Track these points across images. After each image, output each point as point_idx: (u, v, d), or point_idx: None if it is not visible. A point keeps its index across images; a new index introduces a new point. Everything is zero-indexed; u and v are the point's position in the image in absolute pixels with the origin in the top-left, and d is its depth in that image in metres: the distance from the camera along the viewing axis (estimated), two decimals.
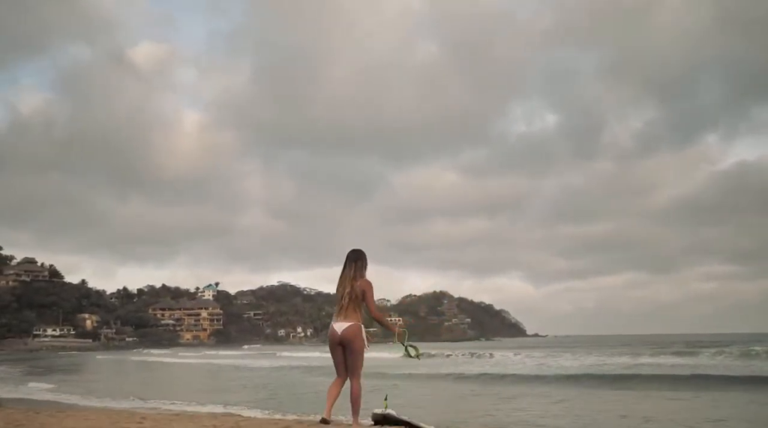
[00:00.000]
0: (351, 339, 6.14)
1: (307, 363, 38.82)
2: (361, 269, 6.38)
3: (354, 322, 6.18)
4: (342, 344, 6.18)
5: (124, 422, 5.84)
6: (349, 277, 6.30)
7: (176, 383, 27.26)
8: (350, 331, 6.14)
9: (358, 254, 6.46)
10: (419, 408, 14.24)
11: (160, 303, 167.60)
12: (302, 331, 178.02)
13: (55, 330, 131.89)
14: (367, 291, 6.25)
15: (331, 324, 6.35)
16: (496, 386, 20.44)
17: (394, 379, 22.98)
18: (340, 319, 6.21)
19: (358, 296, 6.21)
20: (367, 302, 6.24)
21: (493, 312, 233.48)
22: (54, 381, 25.53)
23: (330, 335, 6.30)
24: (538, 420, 12.10)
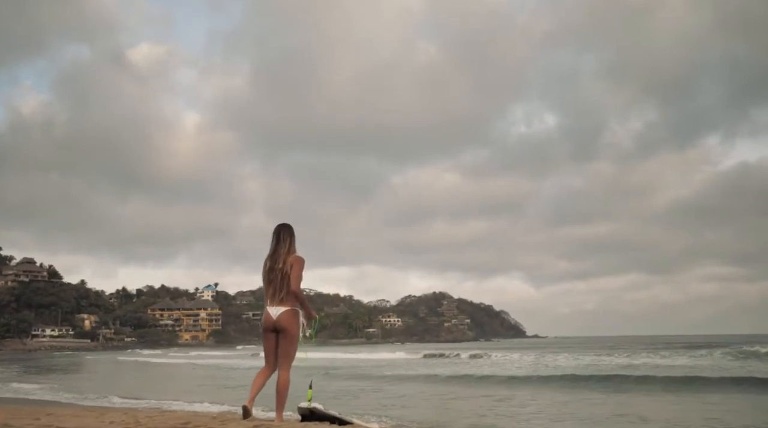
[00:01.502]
0: (286, 325, 5.58)
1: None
2: (293, 244, 5.82)
3: (290, 306, 5.64)
4: (276, 330, 5.63)
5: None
6: (282, 253, 5.72)
7: (149, 382, 27.08)
8: (286, 316, 5.58)
9: (291, 229, 5.91)
10: (405, 409, 14.09)
11: (159, 304, 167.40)
12: (301, 332, 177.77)
13: (53, 331, 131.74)
14: (296, 266, 5.65)
15: (265, 309, 5.75)
16: (490, 386, 20.21)
17: (381, 381, 22.77)
18: (276, 302, 5.63)
19: (288, 276, 5.63)
20: (292, 277, 5.60)
21: (493, 313, 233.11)
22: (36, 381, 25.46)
23: (264, 320, 5.72)
24: (528, 421, 11.89)
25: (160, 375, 32.48)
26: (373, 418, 11.75)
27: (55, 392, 19.00)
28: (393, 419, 11.87)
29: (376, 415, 12.29)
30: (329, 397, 17.08)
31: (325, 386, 21.20)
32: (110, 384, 24.77)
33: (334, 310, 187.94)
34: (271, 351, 5.68)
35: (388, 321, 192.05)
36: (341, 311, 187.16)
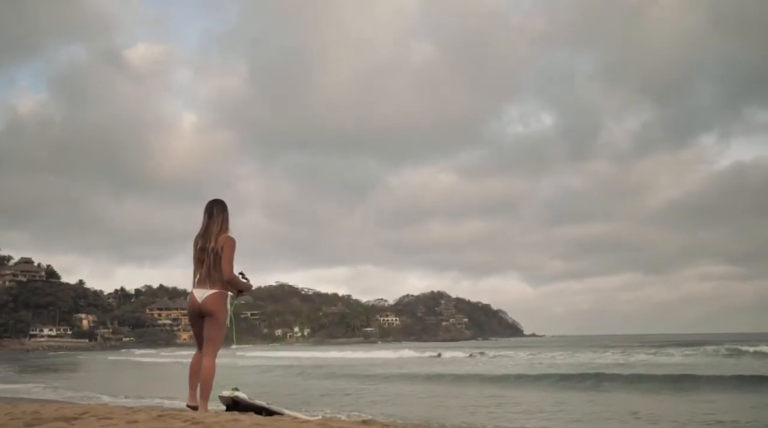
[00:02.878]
0: (213, 309, 5.12)
1: (259, 362, 39.04)
2: (227, 222, 5.37)
3: (219, 289, 5.19)
4: (203, 314, 5.16)
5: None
6: (215, 232, 5.24)
7: (132, 380, 27.15)
8: (212, 299, 5.13)
9: (224, 205, 5.43)
10: (395, 406, 14.01)
11: (157, 303, 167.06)
12: (299, 331, 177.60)
13: (51, 330, 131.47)
14: (227, 249, 5.19)
15: (191, 291, 5.31)
16: (484, 385, 20.13)
17: (374, 379, 22.67)
18: (202, 285, 5.17)
19: (220, 255, 5.19)
20: (223, 261, 5.15)
21: (491, 312, 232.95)
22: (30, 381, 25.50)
23: (189, 303, 5.28)
24: (519, 419, 11.81)
25: (147, 374, 32.46)
26: (370, 415, 11.66)
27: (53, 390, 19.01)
28: (382, 416, 11.75)
29: (366, 412, 12.19)
30: (319, 395, 17.02)
31: (318, 384, 21.17)
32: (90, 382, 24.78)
33: (332, 309, 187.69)
34: (200, 336, 5.26)
35: (386, 321, 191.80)
36: (339, 311, 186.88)
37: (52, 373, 33.48)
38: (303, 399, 15.75)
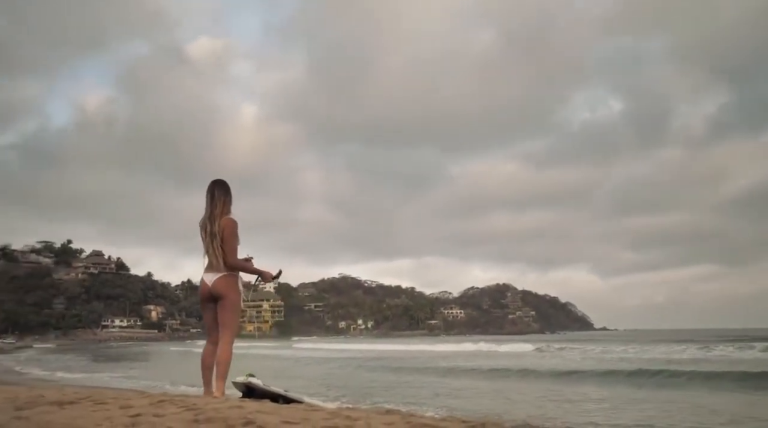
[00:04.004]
0: (224, 292, 4.83)
1: (318, 354, 38.45)
2: (229, 204, 5.10)
3: (227, 272, 4.89)
4: (214, 298, 4.90)
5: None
6: (216, 215, 5.00)
7: (194, 369, 26.92)
8: (222, 283, 4.85)
9: (227, 187, 5.17)
10: (458, 399, 12.94)
11: None
12: (363, 323, 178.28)
13: (122, 321, 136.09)
14: (226, 230, 4.93)
15: (201, 276, 5.01)
16: (551, 380, 18.71)
17: (439, 373, 21.56)
18: (211, 269, 4.91)
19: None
20: (225, 247, 4.88)
21: (559, 305, 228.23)
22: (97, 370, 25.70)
23: (200, 289, 5.03)
24: (587, 415, 10.55)
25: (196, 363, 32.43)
26: (426, 408, 10.65)
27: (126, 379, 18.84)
28: (445, 409, 10.77)
29: (427, 405, 11.25)
30: (378, 387, 16.05)
31: (378, 377, 20.23)
32: (156, 371, 24.68)
33: (395, 302, 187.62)
34: (211, 323, 4.99)
35: (450, 313, 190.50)
36: (403, 303, 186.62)
37: (122, 362, 34.14)
38: (362, 391, 14.80)
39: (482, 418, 3.16)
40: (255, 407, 2.93)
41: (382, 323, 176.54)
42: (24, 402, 2.89)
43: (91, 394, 3.73)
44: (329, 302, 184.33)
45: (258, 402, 3.55)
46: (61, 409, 2.65)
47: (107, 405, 2.85)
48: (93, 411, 2.63)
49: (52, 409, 2.64)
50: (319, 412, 2.84)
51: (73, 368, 28.56)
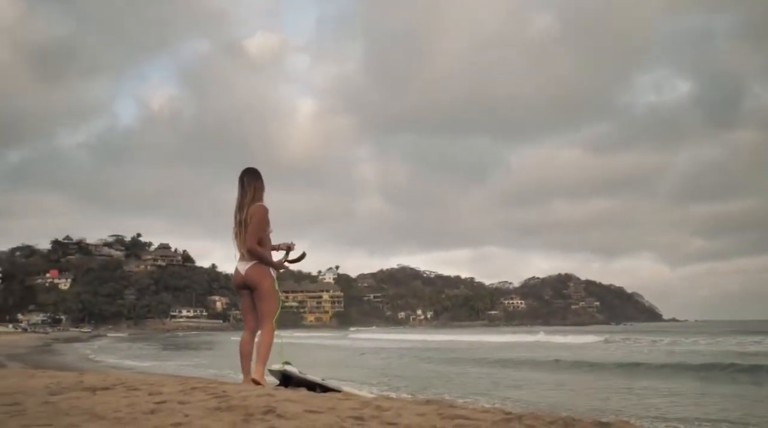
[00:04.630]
0: (257, 280, 4.78)
1: (375, 344, 38.41)
2: (260, 191, 4.98)
3: (256, 261, 4.81)
4: (248, 287, 4.84)
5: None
6: (246, 203, 4.90)
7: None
8: (254, 271, 4.79)
9: (257, 174, 5.05)
10: (519, 390, 12.65)
11: (283, 286, 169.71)
12: (422, 314, 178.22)
13: (189, 311, 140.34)
14: (255, 216, 4.82)
15: (235, 266, 4.95)
16: (616, 372, 18.11)
17: (498, 365, 21.19)
18: (243, 257, 4.86)
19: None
20: (248, 230, 4.79)
21: (625, 296, 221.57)
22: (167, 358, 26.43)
23: (234, 278, 4.98)
24: (654, 409, 10.11)
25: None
26: (484, 399, 10.46)
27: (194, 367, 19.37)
28: (507, 401, 10.53)
29: (486, 396, 11.00)
30: (436, 379, 15.90)
31: (436, 368, 20.07)
32: (218, 360, 25.13)
33: (455, 292, 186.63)
34: (247, 310, 4.94)
35: (511, 304, 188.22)
36: (462, 294, 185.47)
37: (189, 351, 35.08)
38: (420, 382, 14.67)
39: (523, 410, 3.00)
40: (285, 395, 2.86)
41: (442, 313, 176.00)
42: (62, 387, 2.92)
43: (127, 380, 3.75)
44: (388, 293, 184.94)
45: (292, 390, 3.49)
46: (93, 395, 2.66)
47: (138, 391, 2.84)
48: (123, 397, 2.63)
49: (83, 395, 2.65)
50: (349, 401, 2.75)
51: (142, 356, 29.52)
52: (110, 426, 1.83)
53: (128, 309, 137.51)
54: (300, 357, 26.04)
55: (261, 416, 2.10)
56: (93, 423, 1.88)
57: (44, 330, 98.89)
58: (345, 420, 2.09)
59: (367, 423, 2.08)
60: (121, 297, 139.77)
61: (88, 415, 2.01)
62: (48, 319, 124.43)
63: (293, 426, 1.92)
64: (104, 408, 2.27)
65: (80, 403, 2.41)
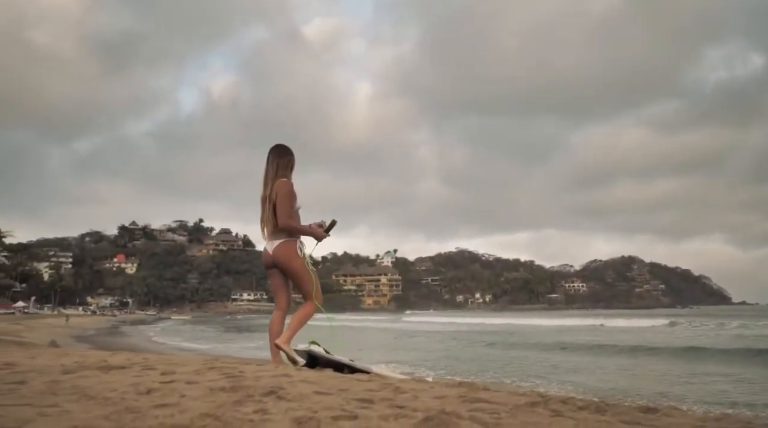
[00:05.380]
0: (287, 258, 4.55)
1: (432, 327, 37.67)
2: (285, 168, 4.74)
3: (285, 238, 4.58)
4: (277, 266, 4.61)
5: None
6: (269, 179, 4.69)
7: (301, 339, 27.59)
8: (282, 250, 4.56)
9: (282, 150, 4.83)
10: (579, 375, 12.29)
11: (342, 270, 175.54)
12: (480, 297, 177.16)
13: (249, 295, 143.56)
14: (279, 192, 4.59)
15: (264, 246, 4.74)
16: (681, 357, 17.44)
17: (557, 349, 20.73)
18: (270, 236, 4.62)
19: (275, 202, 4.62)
20: (277, 209, 4.54)
21: (692, 278, 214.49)
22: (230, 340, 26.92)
23: (263, 258, 4.75)
24: (721, 395, 9.63)
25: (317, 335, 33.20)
26: (541, 382, 10.20)
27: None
28: (565, 384, 10.31)
29: (544, 379, 10.77)
30: (492, 363, 15.63)
31: (493, 352, 19.80)
32: None
33: (514, 275, 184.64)
34: (278, 289, 4.74)
35: (571, 287, 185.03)
36: (521, 277, 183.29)
37: (251, 333, 35.82)
38: (476, 366, 14.46)
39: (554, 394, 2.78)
40: (303, 376, 2.73)
41: (501, 297, 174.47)
42: (79, 366, 2.87)
43: (149, 360, 3.69)
44: (446, 276, 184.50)
45: (314, 371, 3.35)
46: (103, 374, 2.59)
47: (153, 370, 2.76)
48: (134, 376, 2.54)
49: (94, 374, 2.58)
50: (370, 383, 2.59)
51: (203, 339, 30.27)
52: (93, 406, 1.72)
53: (191, 293, 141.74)
54: (352, 340, 26.28)
55: (260, 397, 1.96)
56: (76, 404, 1.78)
57: (112, 313, 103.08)
58: (350, 402, 1.93)
59: (375, 405, 1.91)
60: (184, 281, 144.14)
61: (77, 395, 1.91)
62: (116, 302, 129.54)
63: (289, 407, 1.77)
64: (103, 387, 2.18)
65: (83, 382, 2.33)
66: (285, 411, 1.64)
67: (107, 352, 5.54)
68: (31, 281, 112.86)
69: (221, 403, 1.78)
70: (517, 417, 1.72)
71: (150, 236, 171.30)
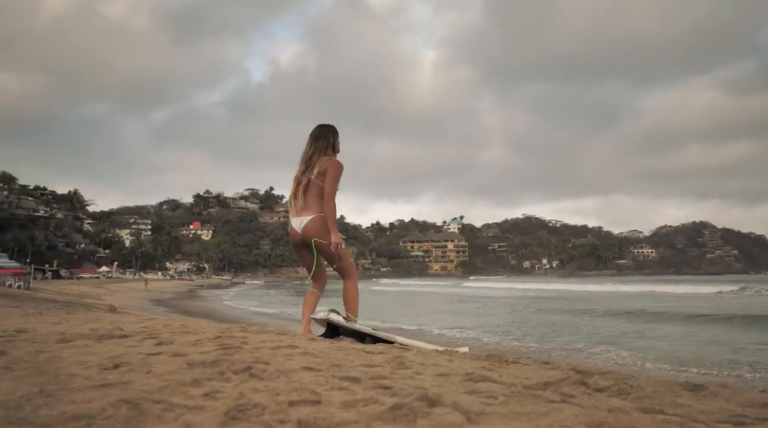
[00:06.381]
0: (318, 235, 4.37)
1: (496, 293, 37.11)
2: (325, 148, 4.60)
3: (316, 214, 4.42)
4: (307, 244, 4.45)
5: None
6: (307, 157, 4.59)
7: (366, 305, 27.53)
8: (313, 225, 4.40)
9: (323, 129, 4.71)
10: (645, 340, 11.79)
11: (409, 236, 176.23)
12: (548, 263, 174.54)
13: None
14: (331, 168, 4.45)
15: (290, 223, 4.63)
16: (757, 324, 16.53)
17: (622, 316, 20.04)
18: (299, 213, 4.50)
19: (318, 183, 4.45)
20: (326, 181, 4.40)
21: (766, 244, 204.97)
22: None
23: (291, 235, 4.60)
24: None
25: (381, 300, 33.25)
26: (612, 349, 9.86)
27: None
28: (633, 351, 10.13)
29: (613, 345, 10.41)
30: (554, 330, 15.23)
31: (556, 318, 19.33)
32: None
33: (581, 241, 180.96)
34: (310, 265, 4.58)
35: (641, 253, 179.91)
36: (589, 243, 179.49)
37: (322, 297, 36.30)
38: (538, 333, 14.09)
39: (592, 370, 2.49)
40: (305, 349, 2.54)
41: (568, 263, 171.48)
42: (78, 334, 2.79)
43: (155, 328, 3.60)
44: (513, 243, 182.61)
45: (327, 342, 3.17)
46: (97, 343, 2.49)
47: (151, 340, 2.64)
48: (127, 346, 2.42)
49: (87, 343, 2.48)
50: (375, 356, 2.39)
51: (273, 303, 30.86)
52: (45, 382, 1.58)
53: (264, 258, 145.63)
54: (406, 306, 26.20)
55: (231, 374, 1.78)
56: (36, 378, 1.65)
57: (189, 278, 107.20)
58: (332, 381, 1.72)
59: (357, 386, 1.69)
60: (257, 247, 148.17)
61: (33, 369, 1.78)
62: (193, 267, 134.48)
63: (250, 388, 1.57)
64: (76, 360, 2.06)
65: (65, 353, 2.22)
66: (237, 396, 1.45)
67: (137, 317, 5.55)
68: (114, 247, 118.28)
69: (179, 381, 1.61)
70: (509, 405, 1.47)
71: (223, 204, 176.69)
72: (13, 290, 29.95)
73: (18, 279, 38.45)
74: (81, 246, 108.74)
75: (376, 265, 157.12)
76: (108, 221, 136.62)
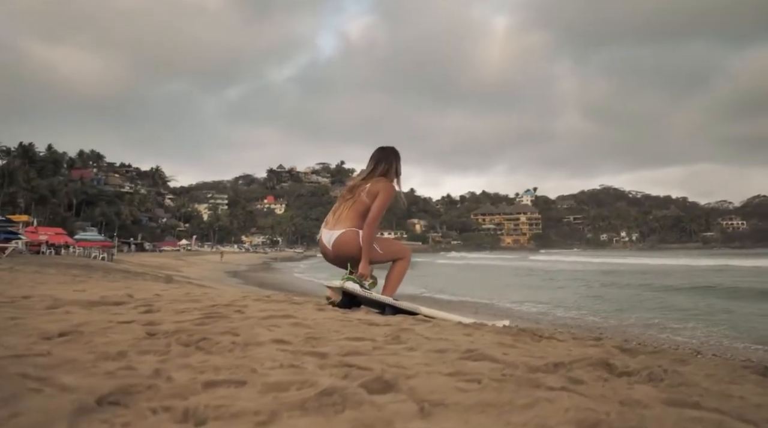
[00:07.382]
0: (348, 250, 4.15)
1: (566, 267, 35.73)
2: (386, 173, 4.34)
3: (347, 228, 4.16)
4: (339, 258, 4.22)
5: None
6: (361, 177, 4.37)
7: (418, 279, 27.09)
8: (343, 239, 4.15)
9: (383, 153, 4.43)
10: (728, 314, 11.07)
11: (480, 209, 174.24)
12: (626, 236, 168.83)
13: (390, 234, 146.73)
14: (383, 191, 4.19)
15: (320, 237, 4.38)
16: None
17: (698, 291, 18.95)
18: (332, 226, 4.26)
19: (364, 199, 4.18)
20: (375, 203, 4.15)
21: None
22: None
23: (321, 249, 4.35)
24: None
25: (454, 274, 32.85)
26: (689, 324, 9.31)
27: None
28: (718, 325, 9.51)
29: (698, 320, 9.81)
30: (622, 304, 14.56)
31: (627, 293, 18.54)
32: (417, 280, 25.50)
33: (663, 213, 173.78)
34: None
35: (730, 225, 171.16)
36: (672, 214, 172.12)
37: (384, 270, 36.34)
38: (616, 306, 13.49)
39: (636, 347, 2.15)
40: (303, 317, 2.31)
41: (649, 235, 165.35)
42: (67, 303, 2.66)
43: (162, 294, 3.45)
44: (589, 215, 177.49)
45: (336, 312, 2.92)
46: (82, 309, 2.35)
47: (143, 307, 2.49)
48: (113, 314, 2.27)
49: (72, 310, 2.35)
50: (376, 328, 2.14)
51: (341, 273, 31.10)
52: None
53: None
54: (465, 278, 25.72)
55: (181, 346, 1.56)
56: None
57: (264, 251, 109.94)
58: (290, 356, 1.47)
59: (312, 364, 1.43)
60: None
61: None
62: (267, 240, 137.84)
63: (200, 365, 1.34)
64: (40, 326, 1.90)
65: (33, 320, 2.07)
66: (151, 374, 1.22)
67: (158, 285, 5.48)
68: (193, 222, 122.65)
69: (103, 353, 1.40)
70: (483, 393, 1.16)
71: (296, 178, 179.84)
72: (96, 261, 31.56)
73: (103, 251, 40.52)
74: (163, 220, 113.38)
75: (446, 238, 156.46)
76: (187, 196, 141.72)
